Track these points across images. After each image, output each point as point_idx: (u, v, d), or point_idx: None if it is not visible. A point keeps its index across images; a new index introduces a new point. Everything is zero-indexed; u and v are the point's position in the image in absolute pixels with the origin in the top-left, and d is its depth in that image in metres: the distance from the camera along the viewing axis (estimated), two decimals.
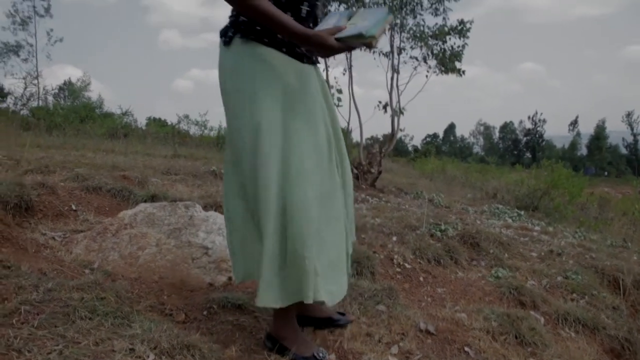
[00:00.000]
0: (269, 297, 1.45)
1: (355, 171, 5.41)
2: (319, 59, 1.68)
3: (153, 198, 3.16)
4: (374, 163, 5.50)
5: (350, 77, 5.52)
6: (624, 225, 8.29)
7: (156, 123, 23.84)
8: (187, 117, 19.04)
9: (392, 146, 6.09)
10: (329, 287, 1.50)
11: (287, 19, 1.34)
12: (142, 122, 26.17)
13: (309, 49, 1.42)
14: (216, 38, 1.57)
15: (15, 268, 1.78)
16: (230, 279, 2.25)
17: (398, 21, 5.69)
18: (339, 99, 5.24)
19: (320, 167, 1.50)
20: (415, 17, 5.82)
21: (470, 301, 2.57)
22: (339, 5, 5.64)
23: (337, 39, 1.33)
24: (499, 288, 2.74)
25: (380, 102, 5.57)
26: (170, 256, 2.25)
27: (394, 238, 3.12)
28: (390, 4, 5.52)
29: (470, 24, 5.89)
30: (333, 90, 5.34)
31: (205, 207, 3.10)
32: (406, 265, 2.81)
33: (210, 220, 2.45)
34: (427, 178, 12.98)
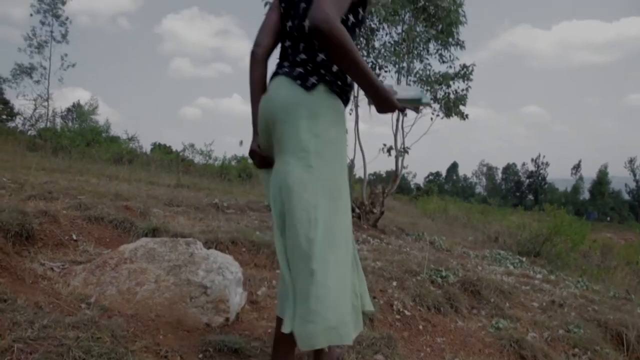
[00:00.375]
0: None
1: (358, 211, 5.41)
2: None
3: (154, 231, 3.15)
4: (377, 203, 5.51)
5: (357, 116, 5.59)
6: (627, 275, 8.20)
7: (161, 149, 24.02)
8: (192, 146, 19.19)
9: (395, 187, 6.11)
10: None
11: (368, 67, 1.44)
12: (147, 147, 26.35)
13: (373, 100, 1.48)
14: (226, 69, 1.67)
15: (11, 301, 1.77)
16: (227, 319, 2.22)
17: (405, 65, 5.81)
18: None
19: None
20: (421, 62, 5.96)
21: (469, 353, 2.52)
22: None
23: (398, 99, 1.49)
24: (500, 340, 2.69)
25: (385, 144, 5.63)
26: (169, 294, 2.22)
27: (394, 283, 3.09)
28: (397, 48, 5.64)
29: (473, 67, 6.01)
30: None
31: (206, 243, 3.09)
32: (406, 312, 2.78)
33: (210, 258, 2.43)
34: (429, 218, 12.95)
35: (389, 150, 5.61)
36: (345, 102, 1.62)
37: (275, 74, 1.62)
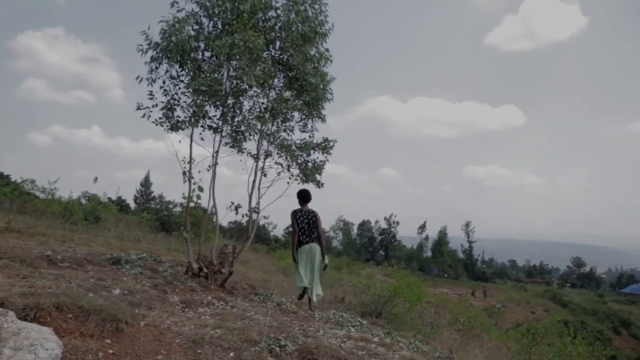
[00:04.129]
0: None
1: (206, 270, 5.30)
2: None
3: None
4: (226, 263, 5.45)
5: (214, 174, 5.56)
6: (452, 332, 9.09)
7: None
8: (33, 182, 17.14)
9: (247, 246, 6.14)
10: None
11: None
12: None
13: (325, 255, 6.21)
14: (89, 97, 1.61)
15: None
16: None
17: (269, 131, 6.01)
18: (199, 197, 5.24)
19: None
20: (284, 130, 6.22)
21: None
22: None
23: None
24: None
25: (232, 202, 5.68)
26: None
27: (232, 354, 3.05)
28: (262, 114, 5.84)
29: (334, 143, 6.42)
30: (194, 186, 5.33)
31: (24, 310, 2.76)
32: None
33: (22, 333, 2.18)
34: (283, 273, 13.08)
35: (236, 209, 5.69)
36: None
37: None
